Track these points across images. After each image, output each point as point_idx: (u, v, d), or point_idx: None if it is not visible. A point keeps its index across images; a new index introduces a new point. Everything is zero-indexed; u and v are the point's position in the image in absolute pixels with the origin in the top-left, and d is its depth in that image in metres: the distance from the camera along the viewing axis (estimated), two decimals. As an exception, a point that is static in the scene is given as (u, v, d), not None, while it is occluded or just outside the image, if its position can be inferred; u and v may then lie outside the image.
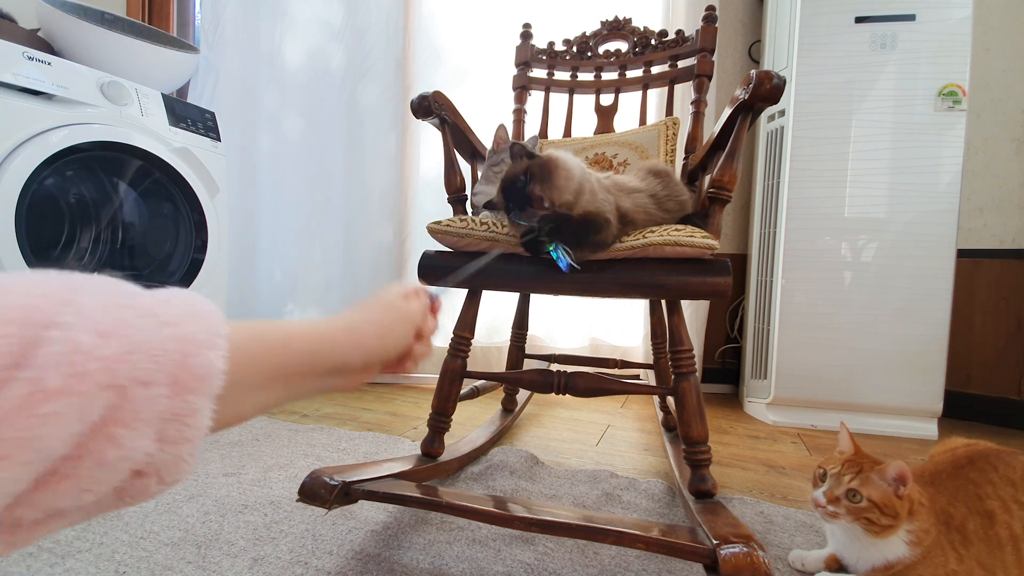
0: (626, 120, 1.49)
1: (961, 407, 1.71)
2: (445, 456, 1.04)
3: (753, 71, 0.82)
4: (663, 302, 1.04)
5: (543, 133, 1.49)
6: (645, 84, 1.45)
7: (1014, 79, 1.73)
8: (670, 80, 1.41)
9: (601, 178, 0.90)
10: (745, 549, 0.62)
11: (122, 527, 0.85)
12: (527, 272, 0.92)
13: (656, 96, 1.70)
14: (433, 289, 0.56)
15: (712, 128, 1.02)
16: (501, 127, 1.14)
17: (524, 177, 0.80)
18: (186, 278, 1.60)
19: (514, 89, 1.50)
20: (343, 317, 0.45)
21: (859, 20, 1.53)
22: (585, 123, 1.49)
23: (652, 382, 1.62)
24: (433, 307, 0.54)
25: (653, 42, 1.44)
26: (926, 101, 1.51)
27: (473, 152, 1.26)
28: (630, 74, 1.47)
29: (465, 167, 1.18)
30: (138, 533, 0.84)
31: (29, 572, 0.73)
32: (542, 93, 1.51)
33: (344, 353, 0.42)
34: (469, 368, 1.02)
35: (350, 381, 0.45)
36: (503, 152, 1.12)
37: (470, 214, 1.13)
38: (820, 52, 1.56)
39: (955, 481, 0.70)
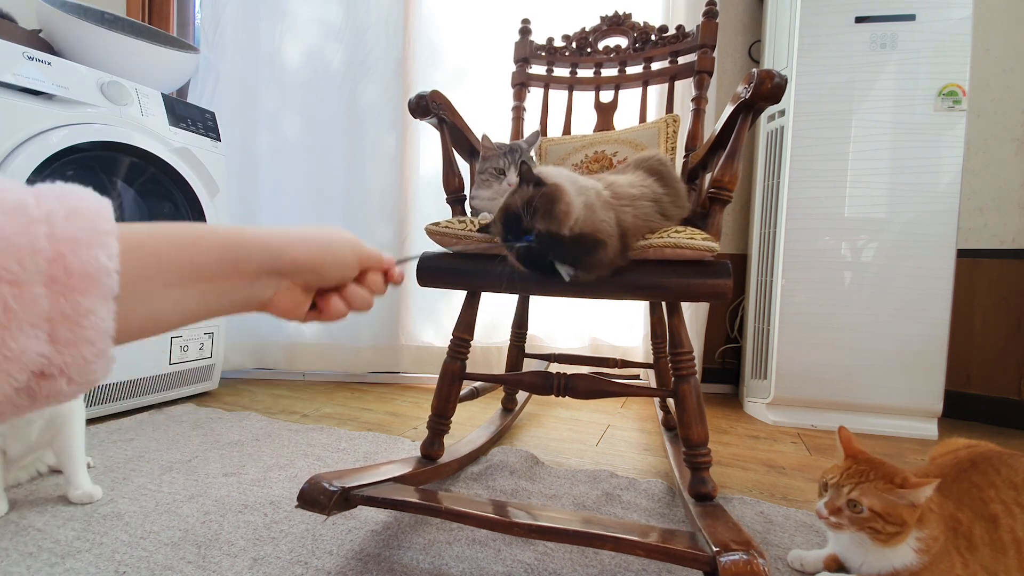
0: (626, 117, 1.49)
1: (961, 407, 1.71)
2: (445, 457, 1.04)
3: (754, 70, 0.81)
4: (663, 303, 1.03)
5: (542, 131, 1.48)
6: (645, 81, 1.44)
7: (1014, 79, 1.73)
8: (670, 77, 1.41)
9: (601, 190, 0.86)
10: (745, 557, 0.62)
11: (122, 527, 0.85)
12: (527, 274, 0.92)
13: (656, 93, 1.70)
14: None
15: (712, 126, 1.02)
16: (484, 137, 1.14)
17: (526, 211, 0.76)
18: (186, 278, 1.60)
19: (513, 86, 1.50)
20: (274, 228, 0.41)
21: (859, 20, 1.53)
22: (585, 120, 1.48)
23: (652, 382, 1.62)
24: (388, 274, 0.48)
25: (653, 38, 1.43)
26: (926, 101, 1.51)
27: (472, 151, 1.26)
28: (630, 70, 1.47)
29: (464, 167, 1.18)
30: (138, 533, 0.84)
31: (29, 572, 0.73)
32: (541, 90, 1.50)
33: (271, 253, 0.38)
34: (469, 367, 1.02)
35: (282, 299, 0.40)
36: (491, 160, 1.12)
37: (469, 215, 1.13)
38: (820, 52, 1.56)
39: (960, 485, 0.69)
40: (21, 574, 0.72)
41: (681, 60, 1.40)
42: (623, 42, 1.48)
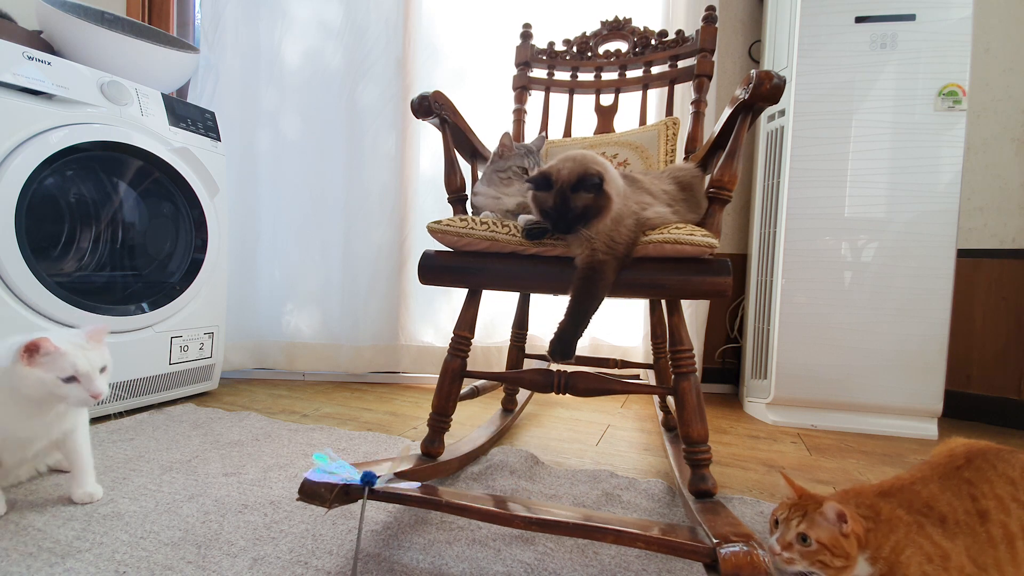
0: (626, 120, 1.49)
1: (961, 407, 1.71)
2: (445, 456, 1.04)
3: (753, 71, 0.82)
4: (663, 302, 1.03)
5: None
6: (645, 84, 1.45)
7: (1014, 79, 1.73)
8: (670, 80, 1.42)
9: (635, 210, 0.91)
10: (745, 548, 0.62)
11: (122, 527, 0.85)
12: (528, 272, 0.92)
13: (656, 96, 1.71)
14: None
15: (712, 128, 1.02)
16: (506, 135, 1.14)
17: (582, 211, 0.84)
18: (186, 278, 1.60)
19: (514, 89, 1.50)
20: None
21: (859, 20, 1.53)
22: (585, 123, 1.49)
23: (652, 382, 1.62)
24: None
25: (653, 42, 1.44)
26: (926, 101, 1.51)
27: (473, 152, 1.26)
28: (630, 74, 1.47)
29: (465, 167, 1.18)
30: (138, 533, 0.84)
31: (29, 572, 0.73)
32: (542, 93, 1.51)
33: None
34: (469, 368, 1.02)
35: None
36: (513, 159, 1.12)
37: (470, 214, 1.13)
38: (820, 52, 1.56)
39: (949, 480, 0.69)
40: (21, 574, 0.72)
41: (681, 64, 1.41)
42: (623, 46, 1.49)
